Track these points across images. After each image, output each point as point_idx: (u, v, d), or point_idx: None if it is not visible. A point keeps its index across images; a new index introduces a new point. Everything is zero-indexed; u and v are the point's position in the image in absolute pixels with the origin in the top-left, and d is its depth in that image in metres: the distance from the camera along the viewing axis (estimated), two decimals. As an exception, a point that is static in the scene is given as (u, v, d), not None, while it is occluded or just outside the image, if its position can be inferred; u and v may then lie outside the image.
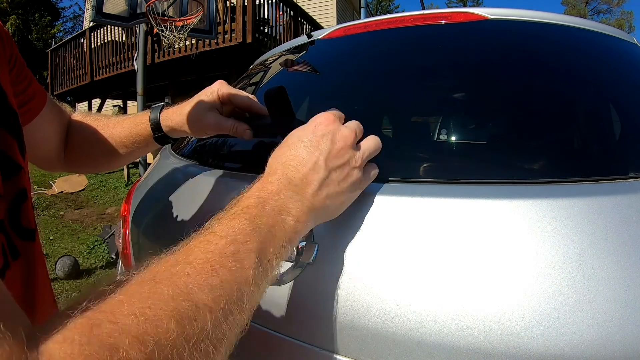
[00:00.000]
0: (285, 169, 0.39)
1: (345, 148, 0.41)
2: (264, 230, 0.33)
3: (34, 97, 0.52)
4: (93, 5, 4.00)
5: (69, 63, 8.56)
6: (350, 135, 0.41)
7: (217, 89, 0.57)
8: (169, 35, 4.32)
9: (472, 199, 0.43)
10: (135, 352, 0.22)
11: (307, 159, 0.39)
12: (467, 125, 0.65)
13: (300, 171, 0.38)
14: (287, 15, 6.85)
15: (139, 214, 0.77)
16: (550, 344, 0.33)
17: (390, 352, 0.38)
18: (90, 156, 0.64)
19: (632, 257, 0.35)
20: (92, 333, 0.22)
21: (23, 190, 0.40)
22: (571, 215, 0.39)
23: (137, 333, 0.23)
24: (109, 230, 4.01)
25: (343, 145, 0.40)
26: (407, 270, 0.40)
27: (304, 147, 0.40)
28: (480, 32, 0.78)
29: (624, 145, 0.58)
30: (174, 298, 0.26)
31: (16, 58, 0.46)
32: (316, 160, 0.39)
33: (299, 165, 0.39)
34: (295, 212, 0.37)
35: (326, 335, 0.42)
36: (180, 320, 0.25)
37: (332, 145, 0.40)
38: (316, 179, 0.38)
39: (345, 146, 0.41)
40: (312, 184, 0.38)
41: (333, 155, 0.40)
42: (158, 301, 0.25)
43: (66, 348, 0.21)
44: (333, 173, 0.39)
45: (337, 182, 0.40)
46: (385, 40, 0.88)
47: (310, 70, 0.88)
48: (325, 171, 0.39)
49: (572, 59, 0.72)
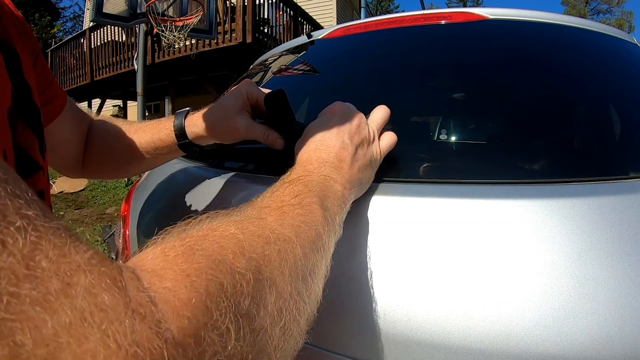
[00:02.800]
0: (318, 153, 0.42)
1: (362, 124, 0.46)
2: (317, 190, 0.36)
3: (55, 99, 0.50)
4: (93, 5, 4.00)
5: (69, 63, 8.56)
6: (360, 113, 0.47)
7: (245, 90, 0.54)
8: (169, 35, 4.32)
9: (472, 199, 0.43)
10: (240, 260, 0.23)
11: (335, 141, 0.43)
12: (467, 125, 0.65)
13: (332, 152, 0.42)
14: (287, 15, 6.84)
15: (139, 214, 0.77)
16: (550, 344, 0.33)
17: (390, 352, 0.38)
18: (110, 162, 0.62)
19: (632, 257, 0.35)
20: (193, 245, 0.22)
21: (41, 192, 0.38)
22: (571, 215, 0.39)
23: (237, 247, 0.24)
24: (109, 230, 4.00)
25: (359, 122, 0.45)
26: (407, 271, 0.40)
27: (328, 132, 0.44)
28: (480, 32, 0.78)
29: (624, 145, 0.58)
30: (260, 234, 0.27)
31: (38, 55, 0.44)
32: (343, 139, 0.43)
33: (329, 147, 0.42)
34: (340, 180, 0.40)
35: (326, 335, 0.42)
36: (276, 246, 0.27)
37: (351, 124, 0.45)
38: (347, 155, 0.42)
39: (361, 122, 0.46)
40: (346, 160, 0.42)
41: (354, 132, 0.44)
42: (250, 239, 0.26)
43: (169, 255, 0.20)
44: (359, 149, 0.44)
45: (363, 156, 0.44)
46: (386, 40, 0.88)
47: (311, 71, 0.88)
48: (353, 147, 0.43)
49: (572, 59, 0.72)
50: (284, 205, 0.32)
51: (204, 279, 0.20)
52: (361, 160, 0.44)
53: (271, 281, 0.25)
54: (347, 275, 0.42)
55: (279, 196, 0.34)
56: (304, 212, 0.33)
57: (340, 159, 0.42)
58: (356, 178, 0.42)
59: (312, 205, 0.34)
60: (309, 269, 0.29)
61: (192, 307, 0.18)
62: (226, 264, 0.22)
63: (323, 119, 0.46)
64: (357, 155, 0.43)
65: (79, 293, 0.14)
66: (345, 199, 0.40)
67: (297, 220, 0.31)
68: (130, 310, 0.16)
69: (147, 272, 0.19)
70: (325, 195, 0.37)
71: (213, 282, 0.20)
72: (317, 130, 0.45)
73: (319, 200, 0.35)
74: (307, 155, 0.42)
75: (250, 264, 0.24)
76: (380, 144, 0.48)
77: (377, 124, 0.49)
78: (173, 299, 0.18)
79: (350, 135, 0.44)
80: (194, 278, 0.19)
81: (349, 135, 0.43)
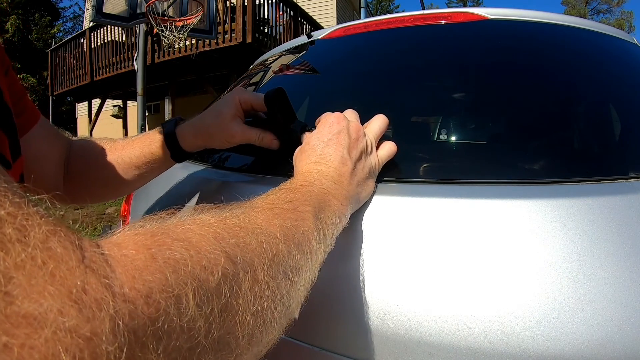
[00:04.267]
0: (318, 166, 0.42)
1: (360, 138, 0.46)
2: (314, 201, 0.36)
3: (24, 114, 0.49)
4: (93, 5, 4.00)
5: (69, 63, 8.56)
6: (359, 126, 0.47)
7: (236, 97, 0.55)
8: (169, 35, 4.32)
9: (472, 199, 0.43)
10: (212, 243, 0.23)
11: (334, 156, 0.43)
12: (467, 125, 0.65)
13: (332, 166, 0.42)
14: (287, 15, 6.85)
15: (139, 214, 0.77)
16: (550, 344, 0.33)
17: (390, 352, 0.38)
18: (96, 183, 0.59)
19: (632, 257, 0.35)
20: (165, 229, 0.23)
21: None
22: (571, 215, 0.39)
23: (212, 234, 0.24)
24: (109, 230, 4.00)
25: (357, 137, 0.45)
26: (407, 271, 0.40)
27: (327, 145, 0.44)
28: (480, 32, 0.78)
29: (624, 145, 0.58)
30: (242, 226, 0.27)
31: (8, 69, 0.43)
32: (342, 154, 0.43)
33: (328, 162, 0.43)
34: (338, 195, 0.40)
35: (326, 335, 0.42)
36: (256, 237, 0.27)
37: (349, 138, 0.45)
38: (346, 171, 0.42)
39: (359, 136, 0.46)
40: (345, 175, 0.42)
41: (352, 145, 0.44)
42: (230, 228, 0.26)
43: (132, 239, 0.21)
44: (357, 163, 0.44)
45: (361, 170, 0.44)
46: (385, 40, 0.88)
47: (311, 71, 0.88)
48: (351, 162, 0.43)
49: (572, 59, 0.72)
50: (276, 207, 0.33)
51: (165, 251, 0.21)
52: (360, 174, 0.44)
53: (248, 266, 0.25)
54: (347, 275, 0.42)
55: (273, 199, 0.34)
56: (295, 217, 0.33)
57: (340, 174, 0.42)
58: (354, 193, 0.43)
59: (306, 213, 0.34)
60: (292, 266, 0.29)
61: (148, 272, 0.19)
62: (193, 244, 0.22)
63: (321, 131, 0.46)
64: (355, 170, 0.43)
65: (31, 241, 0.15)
66: (341, 214, 0.39)
67: (287, 222, 0.31)
68: (82, 265, 0.16)
69: (110, 242, 0.20)
70: (321, 207, 0.37)
71: (175, 255, 0.21)
72: (316, 142, 0.45)
73: (313, 210, 0.35)
74: (307, 167, 0.43)
75: (223, 246, 0.24)
76: (378, 153, 0.49)
77: (375, 134, 0.49)
78: (129, 264, 0.19)
79: (349, 149, 0.44)
80: (154, 250, 0.20)
81: (347, 150, 0.44)
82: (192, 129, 0.56)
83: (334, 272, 0.43)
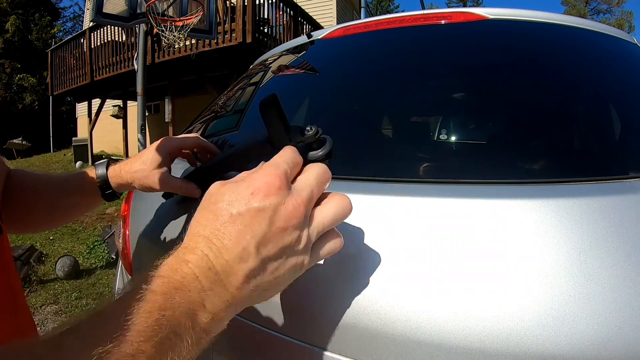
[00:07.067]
0: (206, 248, 0.30)
1: (289, 229, 0.31)
2: (164, 331, 0.26)
3: None
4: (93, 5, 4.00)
5: (69, 63, 8.57)
6: (299, 209, 0.32)
7: (165, 144, 0.59)
8: (169, 35, 4.32)
9: (472, 199, 0.43)
10: None
11: (233, 243, 0.30)
12: (467, 125, 0.65)
13: (224, 257, 0.30)
14: (287, 15, 6.85)
15: (139, 214, 0.77)
16: (550, 344, 0.33)
17: (390, 352, 0.38)
18: (32, 213, 0.61)
19: (632, 257, 0.35)
20: None
21: None
22: (571, 215, 0.39)
23: None
24: (109, 230, 4.01)
25: (284, 226, 0.31)
26: (407, 271, 0.40)
27: (232, 221, 0.30)
28: (480, 32, 0.78)
29: (624, 145, 0.58)
30: None
31: None
32: (245, 246, 0.30)
33: (223, 248, 0.30)
34: (212, 307, 0.29)
35: (326, 336, 0.42)
36: None
37: (270, 227, 0.31)
38: (243, 270, 0.30)
39: (288, 227, 0.31)
40: (237, 275, 0.30)
41: (269, 240, 0.31)
42: None
43: None
44: (268, 263, 0.31)
45: (270, 272, 0.31)
46: (385, 40, 0.88)
47: (310, 70, 0.88)
48: (257, 260, 0.30)
49: (572, 59, 0.72)
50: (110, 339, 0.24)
51: None
52: (266, 278, 0.31)
53: None
54: (347, 275, 0.42)
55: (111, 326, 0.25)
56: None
57: (231, 272, 0.30)
58: (246, 297, 0.31)
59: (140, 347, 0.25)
60: None
61: None
62: None
63: (241, 194, 0.31)
64: (261, 271, 0.31)
65: None
66: (207, 333, 0.29)
67: None
68: None
69: None
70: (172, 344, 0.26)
71: None
72: (224, 207, 0.31)
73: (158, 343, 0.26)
74: (196, 238, 0.31)
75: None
76: (316, 252, 0.35)
77: (323, 225, 0.34)
78: None
79: (262, 242, 0.30)
80: None
81: (259, 241, 0.30)
82: (120, 173, 0.60)
83: (334, 272, 0.43)
